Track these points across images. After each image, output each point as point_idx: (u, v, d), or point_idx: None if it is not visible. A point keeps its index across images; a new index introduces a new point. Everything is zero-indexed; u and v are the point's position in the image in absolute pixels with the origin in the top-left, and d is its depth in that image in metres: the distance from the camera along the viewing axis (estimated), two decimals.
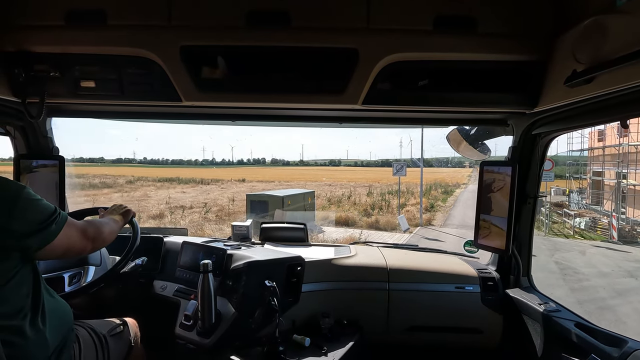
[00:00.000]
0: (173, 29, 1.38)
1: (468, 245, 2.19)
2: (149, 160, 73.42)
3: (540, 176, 1.84)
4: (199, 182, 31.55)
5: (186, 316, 1.61)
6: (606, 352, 1.31)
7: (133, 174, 38.17)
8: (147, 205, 18.95)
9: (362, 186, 28.09)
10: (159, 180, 32.30)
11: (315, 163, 40.75)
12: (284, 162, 52.97)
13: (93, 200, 20.01)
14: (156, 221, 15.56)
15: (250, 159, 73.61)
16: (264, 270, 1.71)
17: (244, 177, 35.57)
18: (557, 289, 7.73)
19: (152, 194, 23.44)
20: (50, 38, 1.40)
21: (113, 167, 56.64)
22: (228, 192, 24.62)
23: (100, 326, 1.42)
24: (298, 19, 1.36)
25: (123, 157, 79.93)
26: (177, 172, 41.44)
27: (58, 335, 1.13)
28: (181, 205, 19.00)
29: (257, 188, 25.34)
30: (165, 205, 19.00)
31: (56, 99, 1.54)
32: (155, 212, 17.09)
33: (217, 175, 37.76)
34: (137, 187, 27.50)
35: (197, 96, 1.46)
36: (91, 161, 72.29)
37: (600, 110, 1.29)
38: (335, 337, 1.78)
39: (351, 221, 16.35)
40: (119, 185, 28.89)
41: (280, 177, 39.92)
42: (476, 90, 1.49)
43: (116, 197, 21.57)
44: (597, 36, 1.09)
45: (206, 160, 73.09)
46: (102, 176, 35.99)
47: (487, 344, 1.95)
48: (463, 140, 2.03)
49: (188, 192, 24.77)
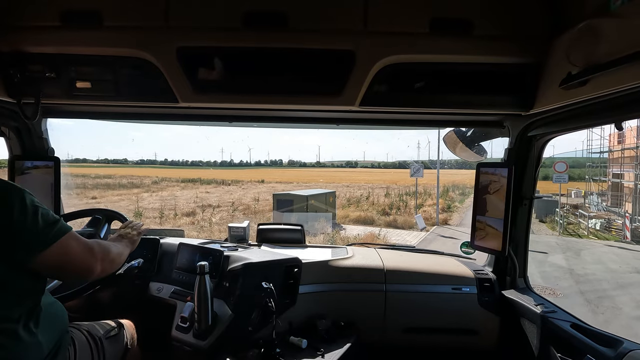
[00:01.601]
0: (169, 30, 1.37)
1: (464, 246, 2.20)
2: (169, 162, 73.82)
3: (536, 178, 1.85)
4: (220, 183, 32.24)
5: (182, 318, 1.60)
6: (602, 352, 1.32)
7: (157, 175, 38.85)
8: (178, 203, 19.48)
9: (380, 187, 28.41)
10: (182, 181, 32.95)
11: (332, 165, 41.02)
12: (301, 164, 53.35)
13: (126, 199, 20.72)
14: (190, 218, 16.18)
15: (267, 161, 73.92)
16: (261, 271, 1.70)
17: (263, 178, 36.12)
18: (563, 281, 7.96)
19: (179, 194, 24.00)
20: (46, 38, 1.40)
21: (136, 168, 57.20)
22: (249, 192, 25.10)
23: (96, 329, 1.41)
24: (295, 20, 1.36)
25: (145, 159, 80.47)
26: (197, 173, 41.82)
27: (52, 338, 1.12)
28: (209, 204, 19.51)
29: (277, 188, 25.82)
30: (194, 204, 19.51)
31: (52, 100, 1.53)
32: (187, 210, 17.72)
33: (236, 177, 38.43)
34: (163, 187, 28.11)
35: (193, 97, 1.45)
36: (115, 162, 72.57)
37: (594, 113, 1.30)
38: (332, 339, 1.78)
39: (370, 220, 16.79)
40: (146, 185, 29.49)
41: (298, 178, 40.39)
42: (472, 92, 1.50)
43: (146, 197, 21.95)
44: (592, 39, 1.10)
45: (224, 162, 73.42)
46: (128, 177, 36.67)
47: (483, 345, 1.95)
48: (459, 142, 2.03)
49: (212, 192, 25.32)
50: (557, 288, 7.42)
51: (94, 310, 1.80)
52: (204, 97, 1.46)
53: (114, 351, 1.43)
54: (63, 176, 1.99)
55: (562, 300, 6.86)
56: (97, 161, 72.20)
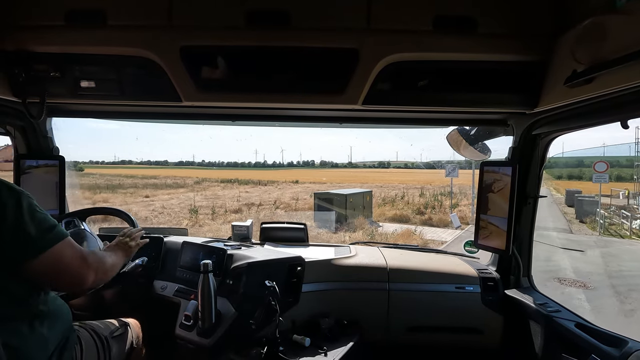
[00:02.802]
0: (173, 29, 1.38)
1: (468, 245, 2.19)
2: (206, 163, 75.18)
3: (541, 176, 1.84)
4: (257, 183, 33.21)
5: (186, 316, 1.61)
6: (607, 352, 1.31)
7: (197, 176, 39.88)
8: (224, 202, 20.28)
9: (414, 188, 28.68)
10: (221, 182, 33.91)
11: (363, 165, 41.26)
12: (333, 164, 53.85)
13: (175, 197, 21.64)
14: (238, 215, 16.91)
15: (299, 162, 74.79)
16: (264, 270, 1.71)
17: (297, 179, 36.78)
18: (595, 276, 8.11)
19: (220, 193, 24.82)
20: (51, 38, 1.40)
21: (177, 169, 58.47)
22: (286, 192, 25.76)
23: (101, 328, 1.42)
24: (298, 18, 1.36)
25: (184, 160, 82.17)
26: (234, 174, 42.69)
27: (57, 336, 1.13)
28: (251, 203, 20.32)
29: (311, 189, 26.36)
30: (237, 203, 20.29)
31: (56, 99, 1.54)
32: (234, 208, 18.54)
33: (271, 177, 39.31)
34: (205, 187, 28.88)
35: (197, 96, 1.46)
36: (157, 164, 74.50)
37: (600, 111, 1.29)
38: (335, 337, 1.78)
39: (405, 218, 17.16)
40: (189, 185, 30.33)
41: (331, 178, 40.92)
42: (476, 91, 1.49)
43: (191, 196, 22.63)
44: (597, 36, 1.09)
45: (258, 163, 74.63)
46: (171, 177, 37.89)
47: (487, 345, 1.95)
48: (463, 141, 2.03)
49: (251, 192, 26.10)
50: (588, 282, 7.51)
51: (99, 308, 1.81)
52: (207, 96, 1.46)
53: (119, 350, 1.43)
54: (118, 177, 1.99)
55: (591, 292, 7.01)
56: (140, 162, 74.27)
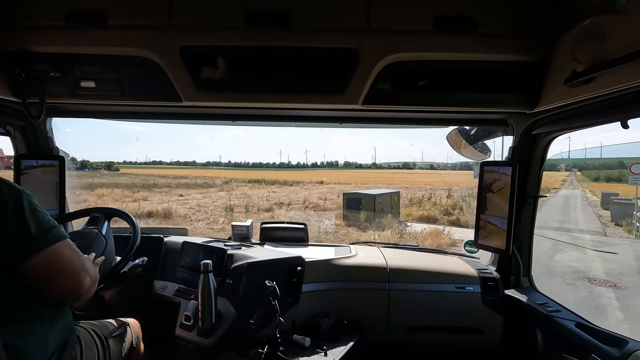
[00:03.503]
0: (173, 29, 1.38)
1: (468, 245, 2.19)
2: (232, 164, 76.25)
3: (541, 176, 1.84)
4: (283, 184, 33.62)
5: (186, 316, 1.61)
6: (607, 352, 1.31)
7: (224, 176, 40.63)
8: (254, 201, 20.72)
9: (441, 189, 28.93)
10: (248, 182, 34.48)
11: (388, 166, 41.19)
12: (357, 165, 53.97)
13: (207, 196, 22.16)
14: (269, 213, 17.21)
15: (323, 162, 75.57)
16: (264, 270, 1.71)
17: (322, 179, 37.11)
18: (627, 276, 8.27)
19: (249, 193, 25.40)
20: (51, 38, 1.40)
21: (205, 170, 59.61)
22: (312, 192, 26.16)
23: (101, 327, 1.42)
24: (298, 18, 1.36)
25: (211, 161, 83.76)
26: (260, 174, 43.24)
27: (58, 336, 1.13)
28: (281, 202, 20.61)
29: (337, 189, 26.72)
30: (267, 202, 20.59)
31: (56, 99, 1.54)
32: (265, 207, 18.91)
33: (296, 177, 39.81)
34: (234, 187, 29.49)
35: (197, 96, 1.46)
36: (186, 164, 75.58)
37: (600, 111, 1.29)
38: (335, 337, 1.78)
39: (433, 218, 17.22)
40: (219, 185, 30.88)
41: (355, 179, 41.22)
42: (476, 91, 1.49)
43: (222, 195, 23.23)
44: (597, 36, 1.09)
45: (283, 163, 75.53)
46: (201, 177, 38.53)
47: (487, 344, 1.95)
48: (463, 141, 2.03)
49: (278, 192, 26.51)
50: (619, 282, 7.62)
51: (99, 308, 1.81)
52: (207, 96, 1.46)
53: (119, 350, 1.44)
54: (152, 177, 1.99)
55: (620, 291, 7.12)
56: (170, 163, 75.50)
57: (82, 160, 44.95)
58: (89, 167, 42.91)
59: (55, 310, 1.14)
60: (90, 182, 28.08)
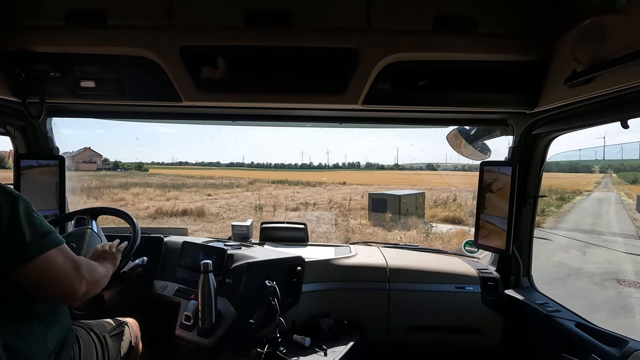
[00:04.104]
0: (173, 29, 1.38)
1: (468, 245, 2.19)
2: (255, 164, 76.85)
3: (541, 176, 1.84)
4: (306, 184, 33.84)
5: (186, 316, 1.61)
6: (607, 352, 1.31)
7: (248, 176, 41.12)
8: (281, 201, 20.95)
9: (467, 190, 29.17)
10: (272, 182, 34.83)
11: (411, 167, 41.22)
12: (379, 166, 53.85)
13: (234, 196, 22.62)
14: (297, 213, 17.38)
15: (345, 163, 75.83)
16: (264, 270, 1.71)
17: (345, 180, 37.42)
18: None
19: (274, 193, 25.70)
20: (51, 38, 1.40)
21: (229, 170, 60.45)
22: (336, 193, 26.39)
23: (100, 327, 1.42)
24: (298, 18, 1.36)
25: (234, 161, 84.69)
26: (283, 175, 43.60)
27: (56, 335, 1.13)
28: (307, 202, 20.83)
29: (360, 190, 26.76)
30: (292, 202, 20.82)
31: (56, 99, 1.54)
32: (292, 207, 19.13)
33: (318, 178, 40.07)
34: (259, 187, 29.78)
35: (197, 96, 1.46)
36: (210, 165, 76.70)
37: (600, 111, 1.29)
38: (335, 337, 1.78)
39: (458, 219, 17.25)
40: (243, 185, 31.28)
41: (378, 180, 41.43)
42: (476, 91, 1.49)
43: (249, 195, 23.57)
44: (597, 36, 1.09)
45: (304, 164, 75.98)
46: (226, 178, 38.95)
47: (487, 344, 1.95)
48: (463, 141, 2.03)
49: (302, 192, 26.79)
50: None
51: (98, 308, 1.81)
52: (207, 96, 1.46)
53: (118, 349, 1.43)
54: (179, 177, 1.99)
55: None
56: (195, 164, 76.51)
57: (115, 161, 46.47)
58: (121, 168, 43.95)
59: (53, 309, 1.14)
60: (124, 181, 28.86)
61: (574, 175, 39.16)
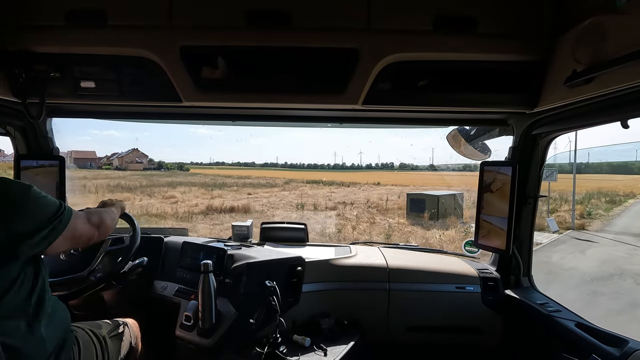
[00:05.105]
0: (173, 29, 1.38)
1: (468, 245, 2.19)
2: (289, 165, 77.50)
3: (541, 176, 1.84)
4: (340, 185, 34.00)
5: (186, 316, 1.61)
6: (607, 352, 1.31)
7: (283, 176, 41.43)
8: (318, 201, 21.23)
9: None
10: (307, 182, 34.99)
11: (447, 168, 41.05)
12: (413, 167, 54.22)
13: (272, 195, 23.16)
14: (336, 211, 17.73)
15: (378, 164, 76.05)
16: (265, 270, 1.71)
17: (379, 181, 37.38)
18: None
19: (310, 193, 26.08)
20: (51, 38, 1.40)
21: (264, 170, 61.21)
22: (371, 193, 26.52)
23: (99, 327, 1.42)
24: (298, 18, 1.36)
25: (269, 162, 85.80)
26: (316, 175, 43.79)
27: (56, 336, 1.13)
28: (344, 202, 21.14)
29: (395, 191, 26.77)
30: (330, 202, 21.16)
31: (56, 99, 1.54)
32: (330, 206, 19.46)
33: (351, 179, 40.00)
34: (295, 187, 30.03)
35: (197, 96, 1.46)
36: (246, 165, 77.83)
37: (600, 111, 1.29)
38: (335, 337, 1.78)
39: None
40: (280, 185, 31.57)
41: (412, 181, 41.69)
42: (476, 91, 1.49)
43: (286, 194, 23.93)
44: (597, 36, 1.10)
45: (337, 165, 76.36)
46: (262, 178, 39.51)
47: (487, 344, 1.95)
48: (463, 141, 2.03)
49: (337, 192, 27.07)
50: None
51: (98, 309, 1.81)
52: (207, 96, 1.46)
53: (118, 350, 1.43)
54: (218, 176, 1.99)
55: None
56: (232, 164, 77.81)
57: (159, 161, 47.94)
58: (164, 168, 45.36)
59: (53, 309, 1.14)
60: (170, 180, 29.97)
61: (631, 177, 37.67)
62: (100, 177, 30.56)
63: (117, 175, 32.86)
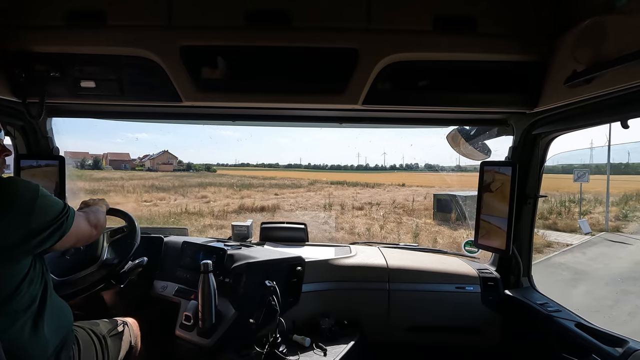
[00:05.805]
0: (173, 29, 1.38)
1: (468, 245, 2.19)
2: (312, 166, 77.84)
3: (541, 176, 1.84)
4: (365, 186, 33.91)
5: (186, 316, 1.61)
6: (607, 352, 1.31)
7: (307, 177, 41.42)
8: (344, 201, 21.35)
9: None
10: (331, 183, 35.14)
11: (474, 169, 40.69)
12: (439, 168, 54.28)
13: (299, 195, 23.37)
14: (363, 211, 17.83)
15: (402, 165, 76.15)
16: (264, 270, 1.71)
17: (404, 182, 37.32)
18: None
19: (336, 193, 26.19)
20: (51, 38, 1.40)
21: (288, 171, 61.60)
22: (396, 194, 26.52)
23: (99, 327, 1.42)
24: (298, 19, 1.36)
25: (292, 163, 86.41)
26: (340, 176, 43.89)
27: (58, 336, 1.13)
28: (370, 203, 21.15)
29: (420, 192, 26.64)
30: (356, 202, 21.17)
31: (56, 99, 1.54)
32: (357, 206, 19.47)
33: (375, 180, 39.91)
34: (319, 188, 30.18)
35: (197, 96, 1.46)
36: (270, 166, 78.59)
37: (600, 111, 1.29)
38: (335, 337, 1.78)
39: None
40: (305, 186, 31.72)
41: (438, 182, 42.08)
42: (476, 91, 1.49)
43: (312, 195, 24.14)
44: (597, 36, 1.09)
45: (360, 166, 76.48)
46: (286, 179, 39.63)
47: (487, 344, 1.95)
48: (463, 140, 2.03)
49: (362, 193, 27.12)
50: None
51: (98, 308, 1.81)
52: (208, 96, 1.46)
53: (118, 349, 1.43)
54: (245, 177, 1.99)
55: None
56: (256, 165, 78.58)
57: (188, 163, 48.74)
58: (192, 169, 46.11)
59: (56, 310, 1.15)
60: (199, 181, 30.33)
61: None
62: (135, 177, 30.94)
63: (149, 177, 33.23)
